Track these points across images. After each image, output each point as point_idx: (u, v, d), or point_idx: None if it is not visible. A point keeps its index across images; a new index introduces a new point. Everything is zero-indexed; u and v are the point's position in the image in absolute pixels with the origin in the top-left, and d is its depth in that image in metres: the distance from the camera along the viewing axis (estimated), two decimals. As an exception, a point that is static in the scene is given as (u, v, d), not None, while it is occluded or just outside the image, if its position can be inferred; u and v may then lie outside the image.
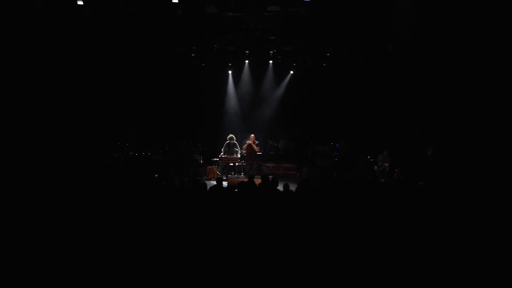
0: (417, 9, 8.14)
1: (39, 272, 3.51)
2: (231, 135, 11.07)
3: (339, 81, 12.69)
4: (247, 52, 11.65)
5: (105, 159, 10.87)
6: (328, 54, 11.55)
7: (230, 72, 13.68)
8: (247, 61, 13.10)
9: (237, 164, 11.32)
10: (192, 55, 11.58)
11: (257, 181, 6.99)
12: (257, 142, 10.99)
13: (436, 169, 8.72)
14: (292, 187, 6.34)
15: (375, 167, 10.30)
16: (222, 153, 11.00)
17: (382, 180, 9.80)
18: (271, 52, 11.63)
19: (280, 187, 6.22)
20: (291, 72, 13.56)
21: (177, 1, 7.95)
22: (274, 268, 3.59)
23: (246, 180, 7.48)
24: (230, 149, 10.97)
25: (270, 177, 6.89)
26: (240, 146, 11.15)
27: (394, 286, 3.46)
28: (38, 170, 8.00)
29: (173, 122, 12.98)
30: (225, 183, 8.66)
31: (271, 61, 13.12)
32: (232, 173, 11.47)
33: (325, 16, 8.91)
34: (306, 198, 5.49)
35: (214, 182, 7.09)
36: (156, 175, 9.45)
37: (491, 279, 3.44)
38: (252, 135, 11.00)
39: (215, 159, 11.47)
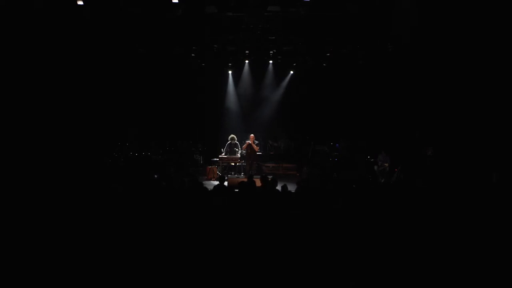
0: (417, 9, 8.14)
1: (39, 272, 3.51)
2: (232, 135, 11.08)
3: (339, 81, 12.69)
4: (247, 52, 11.65)
5: (105, 159, 10.87)
6: (328, 54, 11.55)
7: (230, 72, 13.68)
8: (247, 61, 13.10)
9: (237, 164, 11.33)
10: (192, 55, 11.59)
11: (257, 181, 6.98)
12: (257, 142, 10.99)
13: (436, 169, 8.72)
14: (292, 188, 6.34)
15: (375, 167, 10.30)
16: (223, 153, 11.01)
17: (382, 180, 9.80)
18: (271, 52, 11.63)
19: (279, 188, 6.22)
20: (291, 72, 13.56)
21: (177, 1, 7.97)
22: (274, 268, 3.59)
23: (246, 180, 7.47)
24: (231, 149, 10.99)
25: (270, 177, 6.89)
26: (240, 146, 11.16)
27: (394, 286, 3.46)
28: (38, 170, 8.00)
29: (173, 122, 12.98)
30: (225, 183, 8.65)
31: (271, 61, 13.11)
32: (232, 173, 11.48)
33: (325, 16, 8.92)
34: (306, 198, 5.49)
35: (214, 182, 7.09)
36: (156, 175, 9.44)
37: (491, 279, 3.44)
38: (252, 135, 10.98)
39: (215, 159, 11.47)
